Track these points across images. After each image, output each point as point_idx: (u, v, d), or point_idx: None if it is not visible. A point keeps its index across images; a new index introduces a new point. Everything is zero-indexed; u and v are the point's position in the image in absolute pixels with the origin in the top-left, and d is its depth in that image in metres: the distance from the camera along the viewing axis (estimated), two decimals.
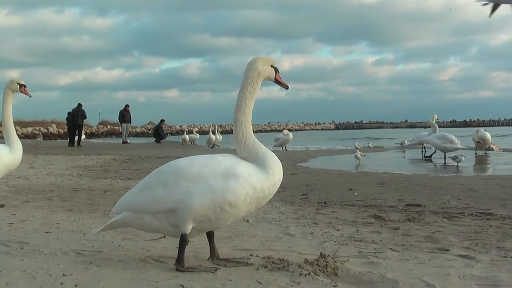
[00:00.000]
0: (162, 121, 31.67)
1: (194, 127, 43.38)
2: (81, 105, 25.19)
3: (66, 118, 27.44)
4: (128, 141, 28.53)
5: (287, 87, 3.62)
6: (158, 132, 31.04)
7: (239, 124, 3.40)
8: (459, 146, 15.47)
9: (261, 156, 3.33)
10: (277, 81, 3.55)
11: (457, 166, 13.10)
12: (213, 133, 25.25)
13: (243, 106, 3.40)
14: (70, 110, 26.27)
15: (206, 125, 69.49)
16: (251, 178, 3.22)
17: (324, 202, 6.86)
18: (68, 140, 25.95)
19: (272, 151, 3.49)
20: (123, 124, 28.90)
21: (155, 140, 30.69)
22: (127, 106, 28.52)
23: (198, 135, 29.17)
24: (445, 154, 15.45)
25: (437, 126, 17.49)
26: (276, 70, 3.53)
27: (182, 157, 3.54)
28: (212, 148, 24.05)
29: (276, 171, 3.32)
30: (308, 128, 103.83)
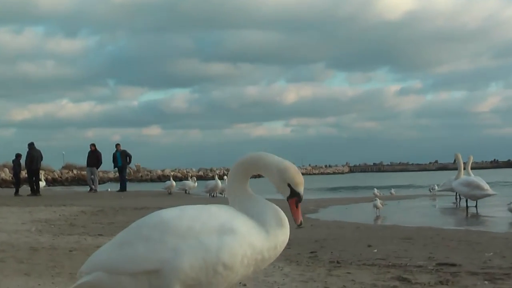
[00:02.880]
0: (118, 145, 28.87)
1: (189, 173, 43.24)
2: (34, 145, 25.64)
3: (13, 161, 27.66)
4: (96, 189, 28.22)
5: (299, 224, 3.37)
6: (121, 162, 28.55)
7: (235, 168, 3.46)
8: (489, 191, 15.65)
9: (261, 210, 3.37)
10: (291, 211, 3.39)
11: None
12: (221, 178, 25.09)
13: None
14: (19, 152, 26.84)
15: (194, 169, 69.65)
16: (250, 236, 3.24)
17: (337, 262, 6.84)
18: (15, 188, 26.25)
19: (273, 201, 3.53)
20: (87, 169, 28.93)
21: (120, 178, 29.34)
22: (91, 145, 28.37)
23: (195, 183, 28.31)
24: (476, 201, 15.66)
25: (463, 168, 17.69)
26: (294, 194, 3.34)
27: (166, 208, 3.57)
28: (214, 197, 23.98)
29: (279, 231, 3.32)
30: (317, 172, 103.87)
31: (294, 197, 3.36)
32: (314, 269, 6.31)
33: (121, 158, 28.39)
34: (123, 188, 28.39)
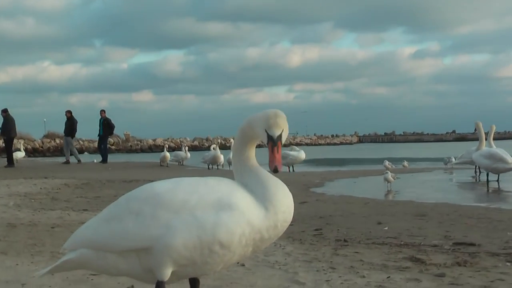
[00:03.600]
0: (102, 111, 28.83)
1: (183, 142, 43.40)
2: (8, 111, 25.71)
3: None
4: (79, 159, 28.25)
5: (273, 169, 3.26)
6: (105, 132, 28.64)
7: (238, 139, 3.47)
8: None
9: (262, 184, 3.35)
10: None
11: None
12: (214, 149, 25.42)
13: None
14: None
15: (189, 139, 69.80)
16: (249, 213, 3.23)
17: (344, 240, 6.88)
18: None
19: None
20: (64, 138, 28.98)
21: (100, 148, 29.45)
22: (67, 112, 28.19)
23: (188, 153, 28.92)
24: (498, 176, 15.65)
25: (484, 138, 17.62)
26: (268, 138, 3.28)
27: (157, 180, 3.54)
28: (212, 169, 24.16)
29: (279, 209, 3.30)
30: (323, 142, 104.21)
31: (269, 141, 3.31)
32: (318, 248, 6.33)
33: (103, 127, 28.41)
34: (104, 160, 28.47)
